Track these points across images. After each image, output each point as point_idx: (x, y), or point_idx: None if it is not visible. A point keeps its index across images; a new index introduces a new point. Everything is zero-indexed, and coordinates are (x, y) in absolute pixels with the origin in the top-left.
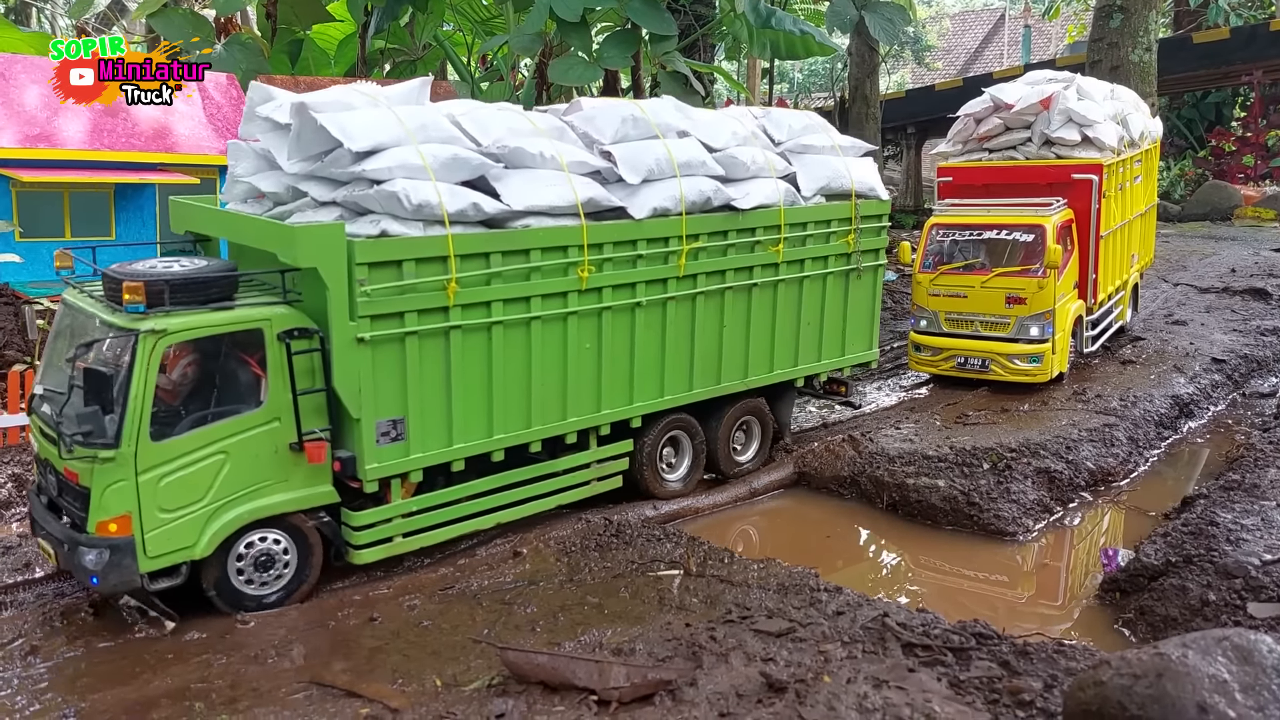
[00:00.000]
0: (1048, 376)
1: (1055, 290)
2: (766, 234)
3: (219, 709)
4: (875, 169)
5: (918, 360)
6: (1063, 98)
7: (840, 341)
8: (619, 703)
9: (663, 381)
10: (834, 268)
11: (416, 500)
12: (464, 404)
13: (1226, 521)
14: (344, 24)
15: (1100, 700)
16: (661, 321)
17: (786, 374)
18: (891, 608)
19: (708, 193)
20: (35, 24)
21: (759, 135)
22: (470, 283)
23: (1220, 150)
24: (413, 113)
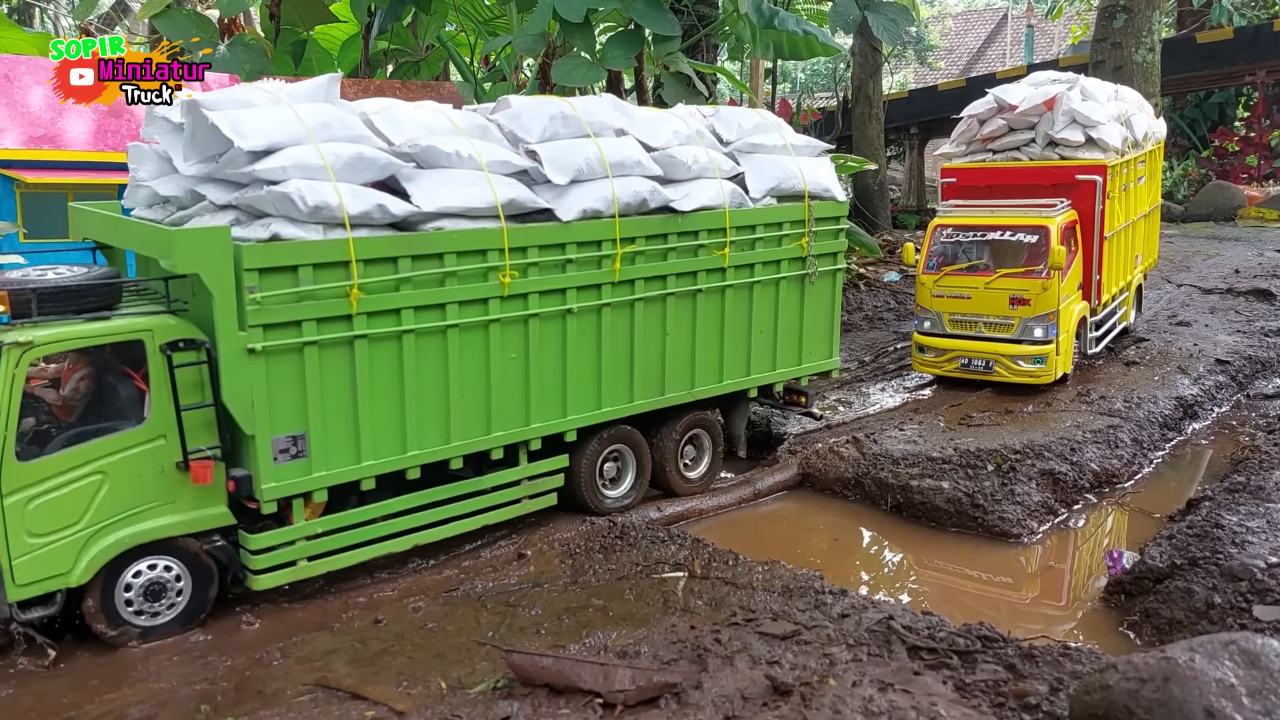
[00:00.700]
0: (1052, 378)
1: (1059, 291)
2: (711, 237)
3: (224, 711)
4: (831, 169)
5: (921, 361)
6: (1066, 99)
7: (797, 349)
8: (624, 705)
9: (599, 393)
10: (787, 272)
11: (323, 521)
12: (374, 418)
13: (1231, 524)
14: (347, 25)
15: (1107, 704)
16: (596, 329)
17: (738, 384)
18: (897, 610)
19: (643, 194)
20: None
21: (704, 134)
22: (376, 289)
23: (1224, 150)
24: (315, 110)
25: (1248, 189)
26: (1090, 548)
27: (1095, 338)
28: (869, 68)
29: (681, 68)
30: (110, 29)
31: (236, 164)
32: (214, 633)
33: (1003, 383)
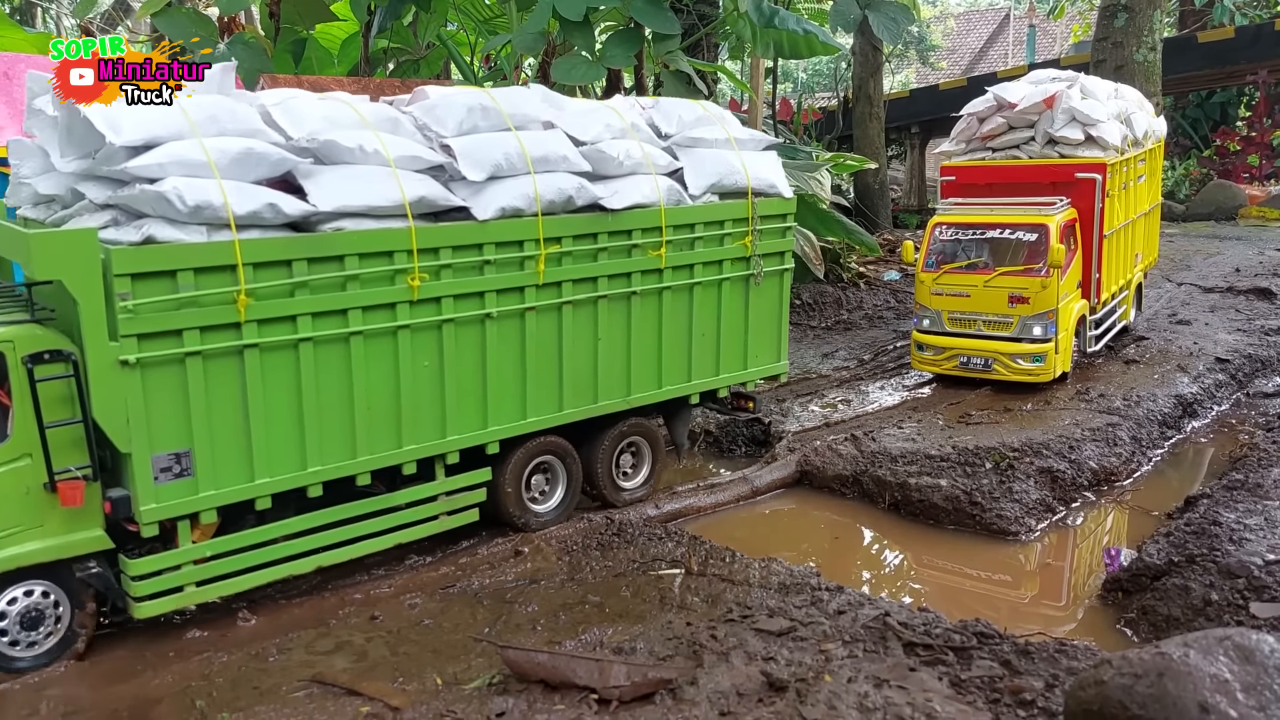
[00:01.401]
0: (1051, 376)
1: (1058, 290)
2: (645, 236)
3: (220, 707)
4: (777, 164)
5: (920, 359)
6: (1066, 97)
7: (742, 353)
8: (619, 701)
9: (524, 402)
10: (730, 273)
11: (213, 544)
12: (268, 433)
13: (1229, 521)
14: (347, 23)
15: (1101, 700)
16: (520, 335)
17: (678, 390)
18: (893, 607)
19: (569, 191)
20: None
21: (641, 128)
22: (268, 295)
23: (1225, 150)
24: (204, 103)
25: (1249, 188)
26: (1088, 545)
27: (1095, 336)
28: (870, 67)
29: (682, 66)
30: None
31: (113, 160)
32: (210, 629)
33: (1001, 381)
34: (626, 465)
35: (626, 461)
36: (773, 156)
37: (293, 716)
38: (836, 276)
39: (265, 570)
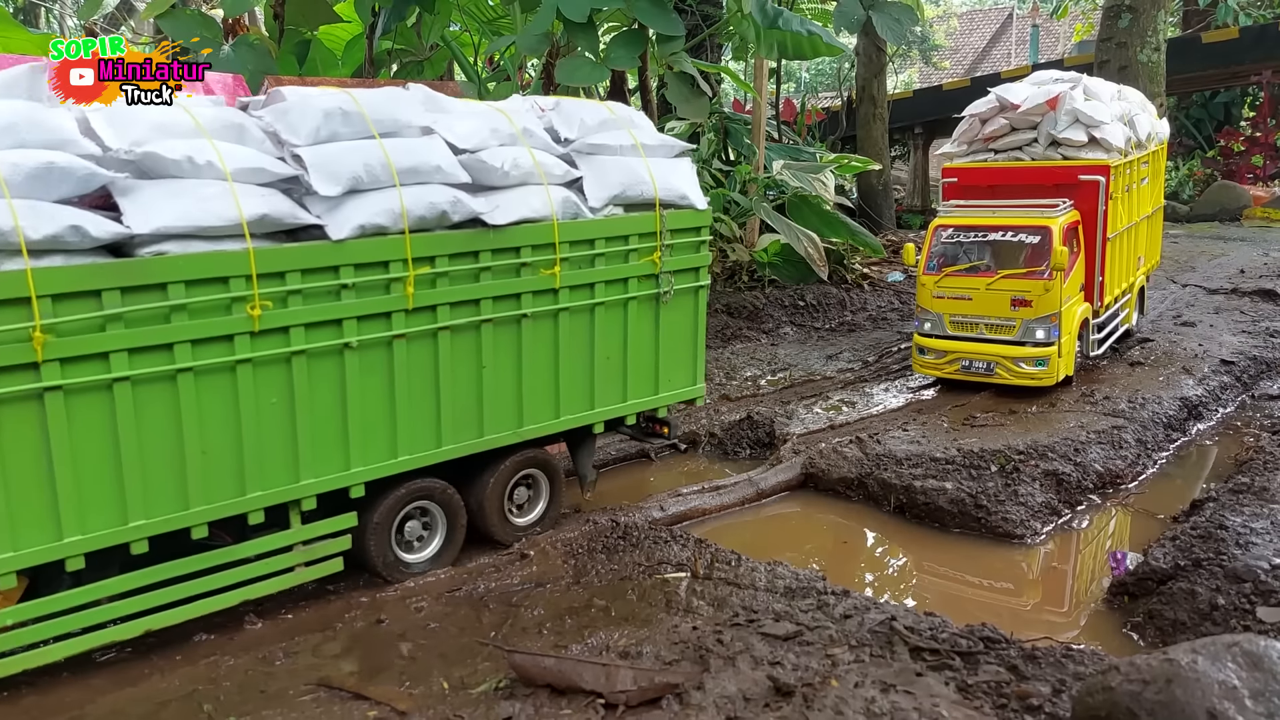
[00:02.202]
0: (1054, 380)
1: (1061, 293)
2: (537, 254)
3: (227, 710)
4: (691, 172)
5: (921, 363)
6: (1069, 98)
7: (653, 377)
8: (625, 706)
9: (395, 439)
10: (637, 291)
11: (13, 611)
12: (78, 484)
13: (1236, 525)
14: (351, 25)
15: (1109, 706)
16: (387, 366)
17: (579, 420)
18: (899, 611)
19: (441, 205)
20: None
21: (535, 133)
22: (73, 330)
23: (1229, 150)
24: (3, 109)
25: (1253, 189)
26: (1094, 549)
27: (1097, 340)
28: (873, 67)
29: (685, 68)
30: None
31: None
32: (216, 633)
33: (1004, 384)
34: (521, 499)
35: (521, 495)
36: (685, 165)
37: (299, 719)
38: (840, 278)
39: (81, 637)
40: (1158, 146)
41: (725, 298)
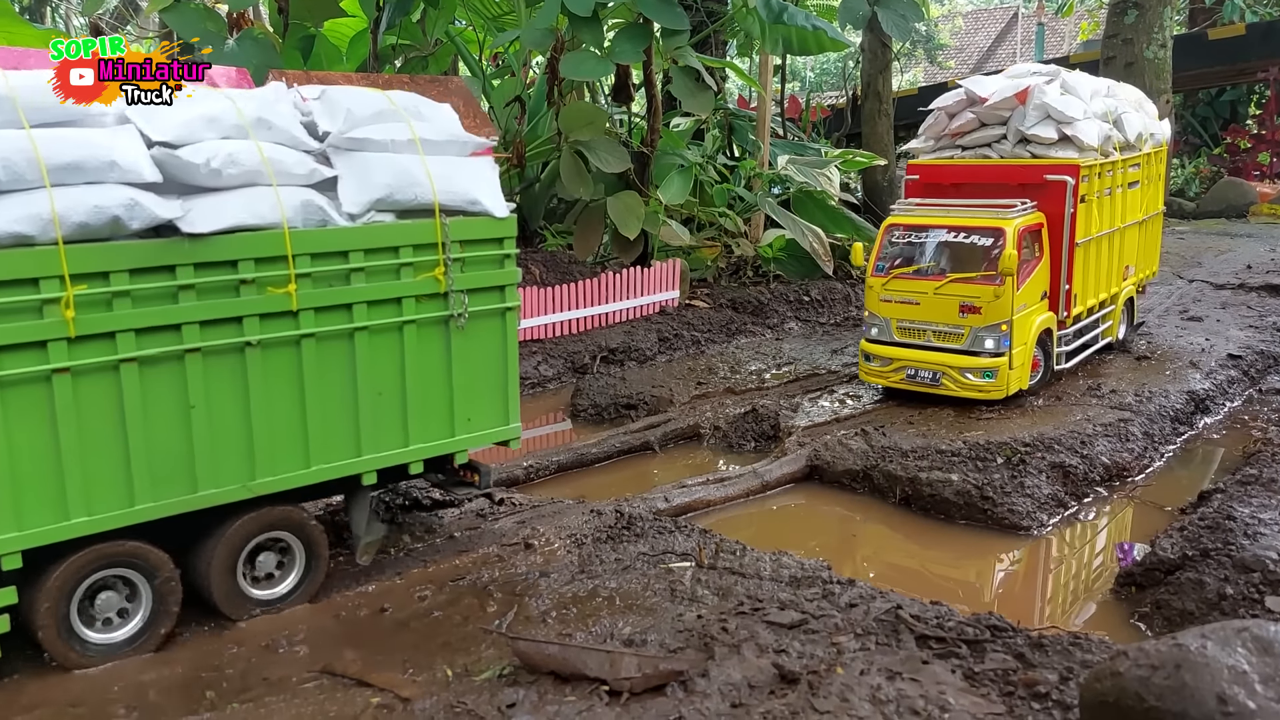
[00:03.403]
0: (1003, 393)
1: (1014, 300)
2: (264, 269)
3: (231, 697)
4: (489, 173)
5: (867, 370)
6: (1039, 92)
7: (447, 416)
8: (630, 693)
9: (64, 497)
10: (417, 314)
11: None
12: None
13: (1244, 515)
14: (356, 20)
15: (1117, 692)
16: (45, 407)
17: (339, 469)
18: (905, 600)
19: (112, 209)
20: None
21: (274, 125)
22: None
23: (1235, 147)
24: None
25: (1260, 186)
26: (1100, 540)
27: (1065, 352)
28: (878, 64)
29: (690, 62)
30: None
31: None
32: (219, 620)
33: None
34: (269, 566)
35: (268, 562)
36: (481, 165)
37: (303, 707)
38: (845, 273)
39: None
40: (1154, 149)
41: (730, 292)
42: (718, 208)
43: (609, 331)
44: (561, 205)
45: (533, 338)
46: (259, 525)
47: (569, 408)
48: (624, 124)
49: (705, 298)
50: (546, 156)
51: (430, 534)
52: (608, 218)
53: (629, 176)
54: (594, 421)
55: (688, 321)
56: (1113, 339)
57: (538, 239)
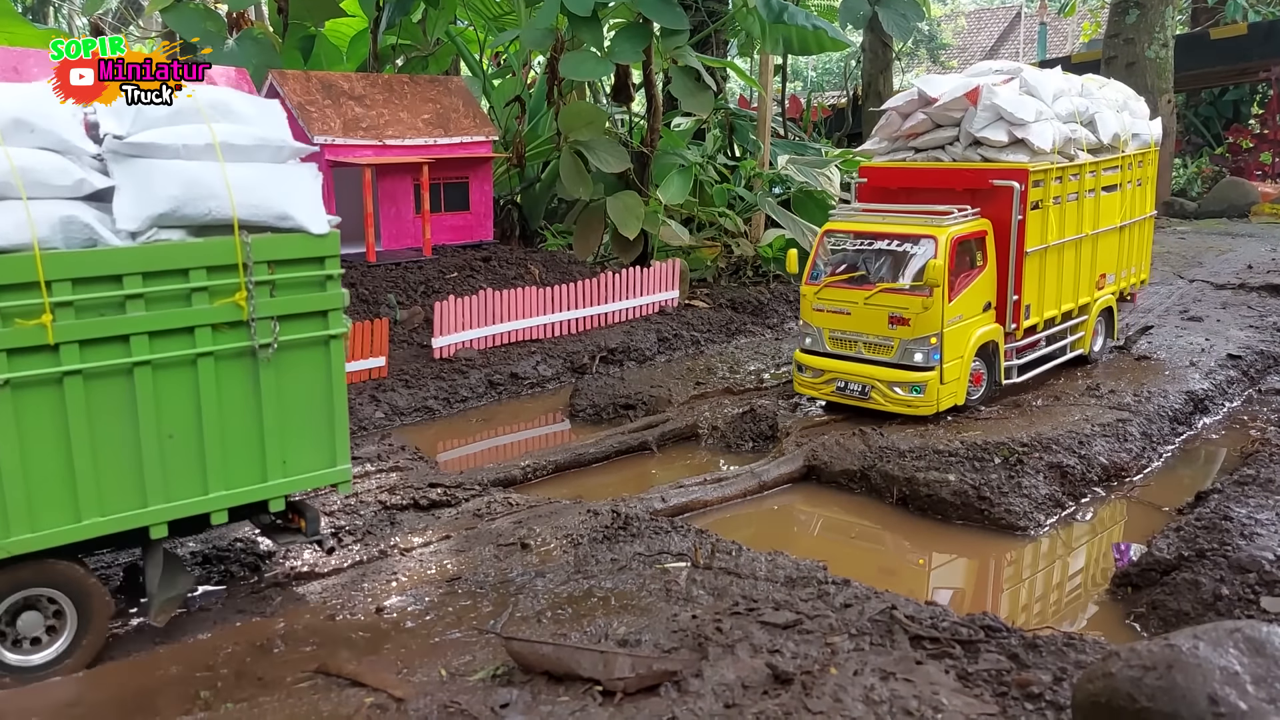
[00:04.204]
0: (932, 409)
1: (944, 310)
2: (9, 299)
3: (224, 697)
4: (307, 183)
5: (800, 382)
6: (989, 92)
7: (258, 458)
8: (624, 693)
9: None
10: (216, 345)
11: None
12: None
13: (1241, 516)
14: (356, 19)
15: (1109, 692)
16: None
17: (118, 522)
18: (899, 600)
19: None
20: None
21: (37, 127)
22: None
23: (1238, 147)
24: None
25: (1262, 185)
26: (1097, 541)
27: (1017, 366)
28: (880, 64)
29: (690, 62)
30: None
31: None
32: (214, 620)
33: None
34: (34, 628)
35: (32, 622)
36: (301, 174)
37: (296, 707)
38: None
39: None
40: (1140, 150)
41: (730, 292)
42: (718, 208)
43: (608, 331)
44: (561, 205)
45: (532, 338)
46: (20, 581)
47: (567, 408)
48: (624, 124)
49: (705, 298)
50: (546, 156)
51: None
52: (608, 218)
53: (629, 176)
54: (592, 422)
55: (687, 321)
56: (1084, 351)
57: (538, 239)
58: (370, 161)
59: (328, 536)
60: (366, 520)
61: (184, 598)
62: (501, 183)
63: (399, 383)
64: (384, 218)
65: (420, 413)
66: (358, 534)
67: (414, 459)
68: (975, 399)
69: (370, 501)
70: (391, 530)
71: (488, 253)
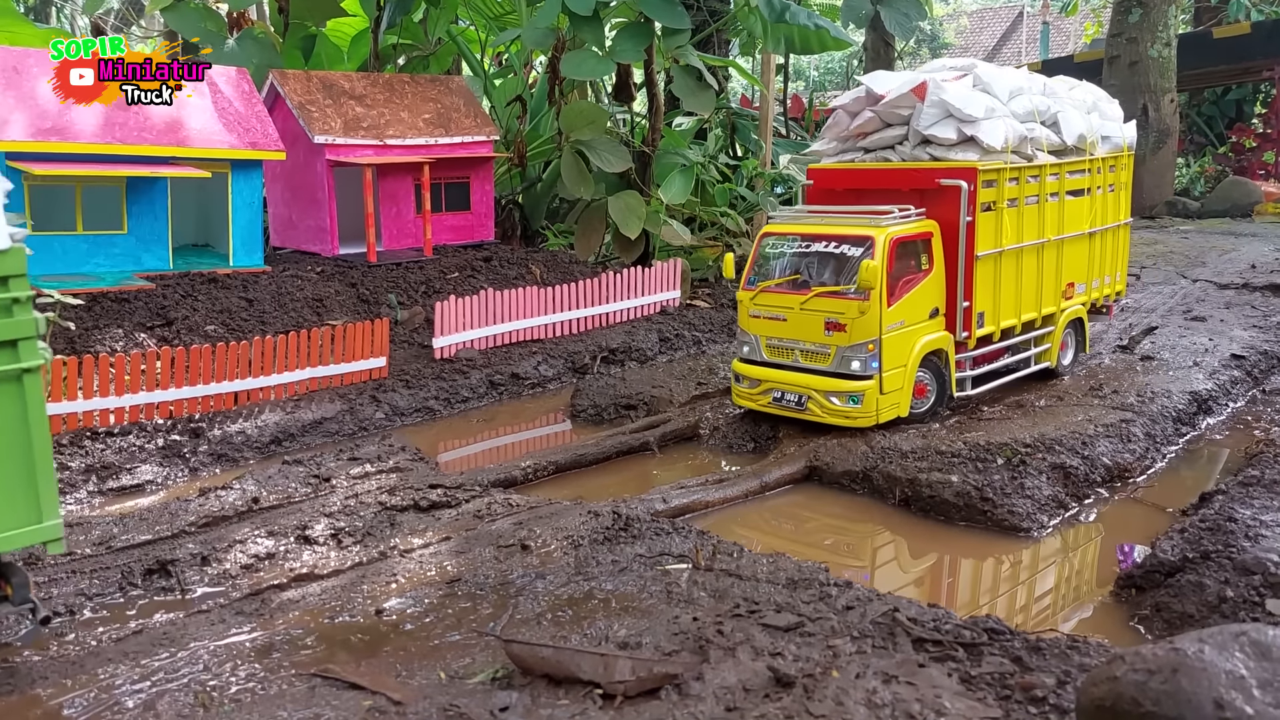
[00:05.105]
0: (871, 421)
1: (883, 316)
2: None
3: (223, 700)
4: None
5: (738, 394)
6: (936, 88)
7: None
8: (624, 696)
9: None
10: None
11: None
12: None
13: (1245, 517)
14: (357, 19)
15: (1114, 696)
16: None
17: None
18: (902, 603)
19: None
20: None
21: None
22: None
23: (1241, 146)
24: None
25: (1265, 185)
26: (1101, 542)
27: (971, 377)
28: (882, 63)
29: (692, 61)
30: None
31: None
32: (214, 621)
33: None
34: None
35: None
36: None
37: (295, 710)
38: None
39: None
40: (1112, 154)
41: (732, 292)
42: (719, 207)
43: (609, 331)
44: (563, 205)
45: (533, 338)
46: None
47: (569, 408)
48: (625, 123)
49: (706, 297)
50: (548, 156)
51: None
52: (609, 217)
53: (630, 176)
54: (594, 422)
55: (688, 321)
56: (1051, 364)
57: (539, 239)
58: (371, 161)
59: (39, 604)
60: (366, 521)
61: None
62: (503, 182)
63: (399, 383)
64: (385, 218)
65: (421, 413)
66: (357, 535)
67: (414, 459)
68: (922, 411)
69: (370, 503)
70: (391, 531)
71: (489, 253)
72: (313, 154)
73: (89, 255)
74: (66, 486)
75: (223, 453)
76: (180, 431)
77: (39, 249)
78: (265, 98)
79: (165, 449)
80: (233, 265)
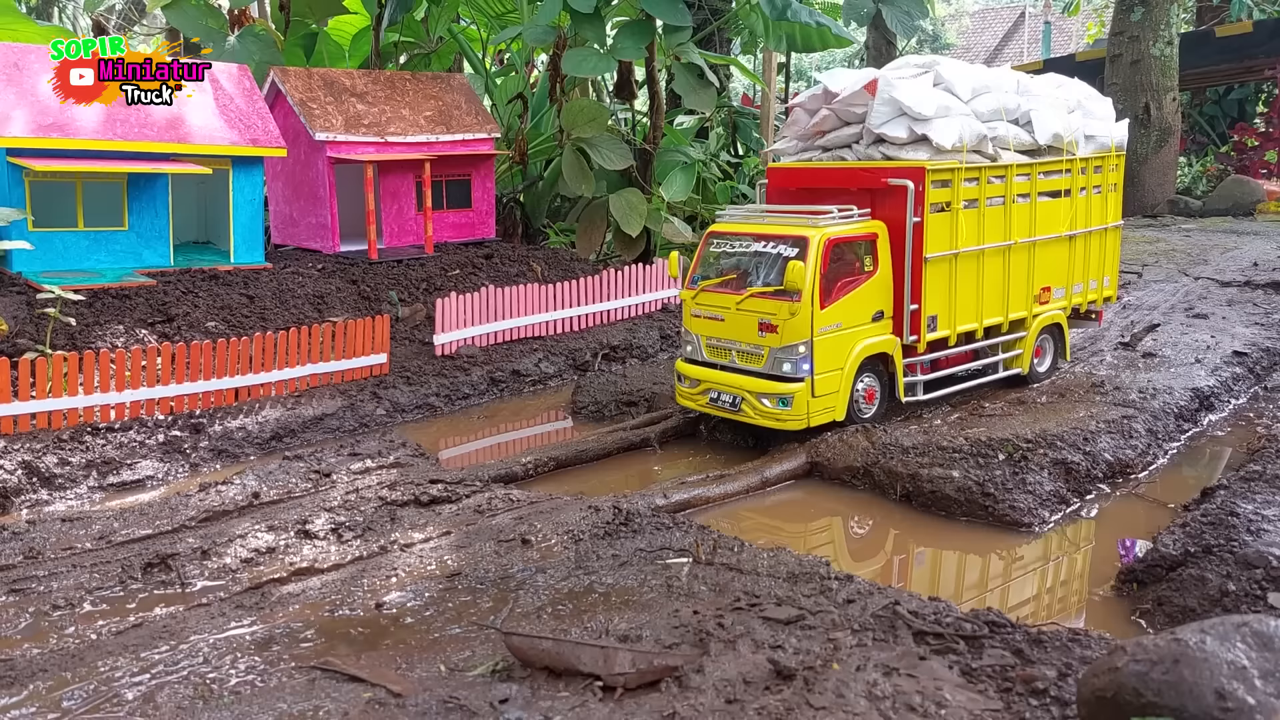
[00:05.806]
0: (801, 424)
1: (814, 317)
2: None
3: (223, 693)
4: None
5: (681, 393)
6: (887, 84)
7: None
8: (624, 689)
9: None
10: None
11: None
12: None
13: (1247, 512)
14: (358, 17)
15: (1115, 687)
16: None
17: None
18: (903, 596)
19: None
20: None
21: None
22: None
23: (1243, 146)
24: None
25: (1267, 184)
26: (1102, 537)
27: (921, 382)
28: (883, 61)
29: (693, 59)
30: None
31: None
32: (215, 614)
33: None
34: None
35: None
36: None
37: (295, 702)
38: None
39: None
40: (1098, 154)
41: None
42: (721, 205)
43: (611, 329)
44: (564, 203)
45: (534, 335)
46: None
47: (570, 405)
48: (627, 121)
49: None
50: (549, 154)
51: None
52: (610, 215)
53: (631, 174)
54: (595, 419)
55: None
56: (1022, 370)
57: (540, 236)
58: (372, 158)
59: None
60: (367, 516)
61: None
62: (504, 180)
63: (400, 380)
64: (386, 215)
65: (422, 410)
66: (358, 530)
67: (415, 455)
68: (868, 417)
69: (371, 498)
70: (392, 526)
71: (490, 250)
72: (314, 151)
73: (90, 251)
74: (67, 481)
75: (223, 448)
76: (181, 427)
77: (40, 245)
78: (266, 95)
79: (166, 444)
80: (234, 262)
